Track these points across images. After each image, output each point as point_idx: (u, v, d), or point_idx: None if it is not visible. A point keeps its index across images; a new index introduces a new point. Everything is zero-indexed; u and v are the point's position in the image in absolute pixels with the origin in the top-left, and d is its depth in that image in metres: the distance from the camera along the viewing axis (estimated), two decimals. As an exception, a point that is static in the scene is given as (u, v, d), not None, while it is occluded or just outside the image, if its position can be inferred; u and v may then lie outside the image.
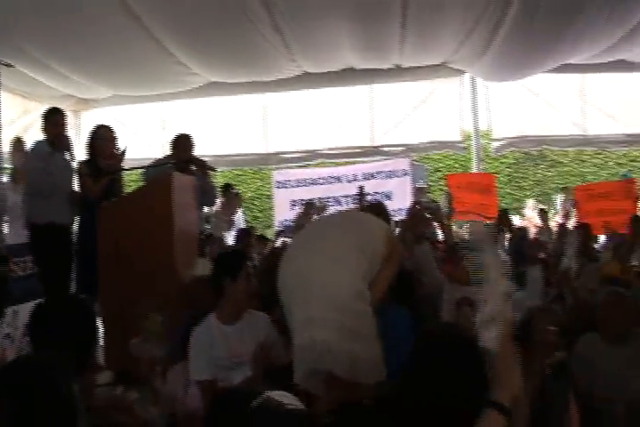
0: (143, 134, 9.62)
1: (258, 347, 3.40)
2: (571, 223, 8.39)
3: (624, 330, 3.84)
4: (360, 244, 3.40)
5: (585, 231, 7.04)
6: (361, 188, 7.36)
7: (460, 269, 4.42)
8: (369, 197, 7.80)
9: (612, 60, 8.86)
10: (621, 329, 3.84)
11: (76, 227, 5.65)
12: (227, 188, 8.97)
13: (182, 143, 6.02)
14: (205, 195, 5.83)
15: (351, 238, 3.41)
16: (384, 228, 3.67)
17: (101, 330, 4.43)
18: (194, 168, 5.96)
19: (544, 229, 7.85)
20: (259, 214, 14.84)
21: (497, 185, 9.90)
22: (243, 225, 10.04)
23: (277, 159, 9.88)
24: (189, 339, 3.53)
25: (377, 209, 4.13)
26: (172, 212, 4.61)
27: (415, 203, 6.27)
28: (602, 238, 8.02)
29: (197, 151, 6.23)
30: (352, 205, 9.10)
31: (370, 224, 3.64)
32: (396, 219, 6.62)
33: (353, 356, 3.10)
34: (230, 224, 6.47)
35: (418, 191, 8.71)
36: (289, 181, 9.63)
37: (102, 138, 5.59)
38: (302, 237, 3.77)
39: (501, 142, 9.74)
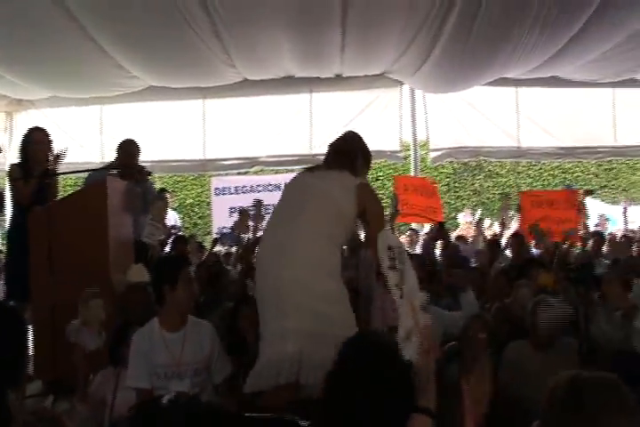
0: (80, 138, 9.43)
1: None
2: (507, 233, 8.50)
3: (551, 336, 3.99)
4: (330, 230, 3.29)
5: (518, 241, 7.21)
6: None
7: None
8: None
9: (545, 76, 9.18)
10: (549, 336, 3.99)
11: (7, 231, 5.49)
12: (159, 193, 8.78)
13: (126, 148, 5.90)
14: (148, 201, 5.71)
15: (320, 227, 3.28)
16: (351, 192, 3.36)
17: (31, 338, 4.33)
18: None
19: (477, 239, 7.95)
20: (198, 221, 14.71)
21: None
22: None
23: (216, 166, 9.80)
24: (119, 344, 3.47)
25: (345, 158, 3.54)
26: (107, 217, 4.54)
27: None
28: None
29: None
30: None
31: (335, 196, 3.36)
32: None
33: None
34: (164, 230, 6.34)
35: None
36: (227, 188, 9.60)
37: (36, 142, 5.44)
38: (270, 237, 3.49)
39: (439, 153, 9.93)
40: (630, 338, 4.18)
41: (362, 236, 4.33)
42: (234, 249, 7.53)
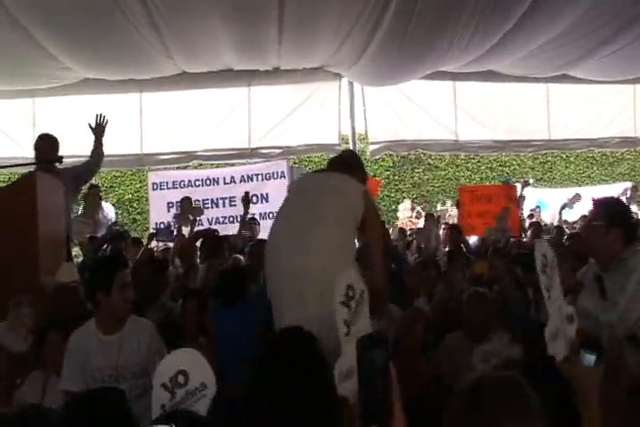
0: (11, 132, 9.16)
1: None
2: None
3: (485, 328, 4.06)
4: (348, 227, 3.36)
5: (455, 233, 7.32)
6: (247, 193, 7.33)
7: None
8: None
9: (481, 70, 9.33)
10: (482, 328, 4.06)
11: None
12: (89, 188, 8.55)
13: (36, 144, 5.74)
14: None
15: (339, 221, 3.32)
16: (360, 194, 3.47)
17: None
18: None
19: (425, 231, 7.98)
20: (137, 217, 14.45)
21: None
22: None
23: (153, 160, 9.61)
24: (41, 347, 3.39)
25: (346, 166, 3.70)
26: (37, 214, 4.41)
27: None
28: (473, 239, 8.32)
29: (71, 151, 5.97)
30: (230, 208, 9.07)
31: (350, 195, 3.45)
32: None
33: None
34: (95, 226, 6.20)
35: None
36: (165, 182, 9.42)
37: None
38: (286, 228, 3.44)
39: (377, 146, 9.98)
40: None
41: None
42: (171, 245, 7.43)
